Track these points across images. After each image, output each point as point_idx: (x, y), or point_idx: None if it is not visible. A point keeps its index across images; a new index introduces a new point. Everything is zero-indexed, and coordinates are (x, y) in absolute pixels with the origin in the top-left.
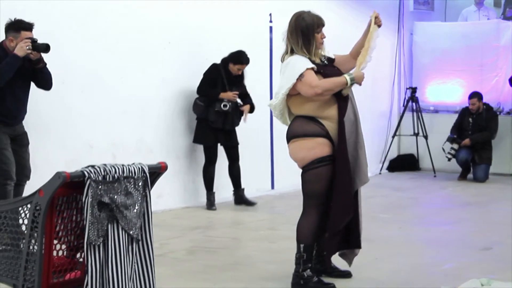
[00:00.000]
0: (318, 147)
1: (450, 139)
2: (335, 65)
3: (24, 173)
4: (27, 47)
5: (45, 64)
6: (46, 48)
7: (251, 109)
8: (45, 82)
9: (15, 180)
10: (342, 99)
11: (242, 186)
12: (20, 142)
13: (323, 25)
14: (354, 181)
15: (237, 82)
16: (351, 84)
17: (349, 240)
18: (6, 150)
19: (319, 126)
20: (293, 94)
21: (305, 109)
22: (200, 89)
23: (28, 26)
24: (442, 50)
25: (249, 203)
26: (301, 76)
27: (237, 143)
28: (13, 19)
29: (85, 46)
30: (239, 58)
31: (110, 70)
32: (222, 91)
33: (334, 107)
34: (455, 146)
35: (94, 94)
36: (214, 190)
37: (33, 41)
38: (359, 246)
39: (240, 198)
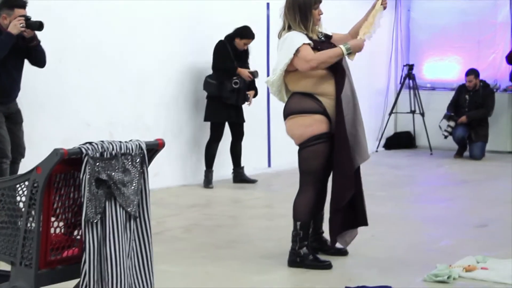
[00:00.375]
0: (316, 124)
1: (447, 117)
2: (332, 42)
3: (18, 151)
4: (21, 25)
5: (39, 41)
6: (39, 25)
7: (255, 94)
8: (39, 60)
9: (11, 158)
10: (339, 75)
11: (242, 165)
12: (14, 120)
13: (320, 1)
14: (354, 158)
15: (243, 58)
16: (348, 54)
17: (356, 218)
18: (1, 129)
19: (316, 102)
20: (290, 70)
21: (302, 85)
22: (216, 65)
23: (22, 4)
24: (439, 27)
25: (249, 180)
26: (297, 51)
27: (244, 121)
28: None
29: (82, 24)
30: (246, 32)
31: (107, 48)
32: None
33: (331, 84)
34: (452, 123)
35: (91, 71)
36: (213, 168)
37: (27, 19)
38: (366, 223)
39: (240, 176)
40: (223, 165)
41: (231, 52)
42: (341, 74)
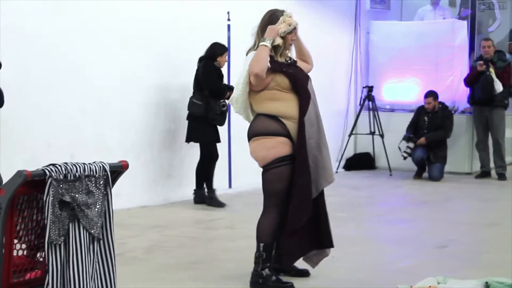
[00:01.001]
0: (279, 146)
1: (406, 138)
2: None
3: None
4: None
5: None
6: None
7: None
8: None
9: None
10: (303, 99)
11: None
12: None
13: (295, 28)
14: (318, 181)
15: (222, 77)
16: (271, 42)
17: (322, 240)
18: None
19: (280, 125)
20: (253, 89)
21: (266, 107)
22: (207, 85)
23: None
24: (398, 49)
25: (220, 204)
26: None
27: (219, 141)
28: None
29: (43, 44)
30: (222, 47)
31: (68, 68)
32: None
33: (295, 107)
34: (411, 144)
35: (52, 91)
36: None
37: None
38: (331, 245)
39: (211, 199)
40: (184, 185)
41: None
42: (305, 98)
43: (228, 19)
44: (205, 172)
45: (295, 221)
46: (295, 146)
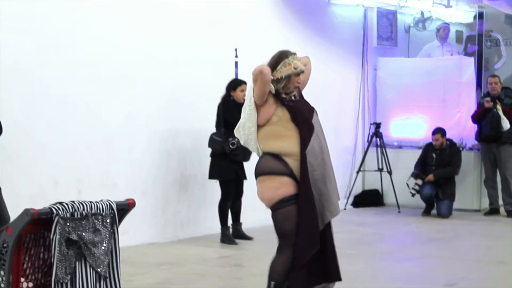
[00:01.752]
0: (284, 187)
1: (414, 175)
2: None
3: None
4: None
5: None
6: None
7: None
8: None
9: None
10: (304, 133)
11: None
12: None
13: (302, 71)
14: (323, 214)
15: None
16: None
17: (328, 272)
18: None
19: (283, 164)
20: (260, 124)
21: (270, 146)
22: (226, 115)
23: None
24: (406, 86)
25: (246, 237)
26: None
27: (245, 178)
28: None
29: (50, 79)
30: (234, 80)
31: (75, 105)
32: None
33: (297, 144)
34: (419, 181)
35: (59, 128)
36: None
37: None
38: (339, 278)
39: (237, 232)
40: (193, 222)
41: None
42: (306, 131)
43: (236, 56)
44: (220, 208)
45: (302, 255)
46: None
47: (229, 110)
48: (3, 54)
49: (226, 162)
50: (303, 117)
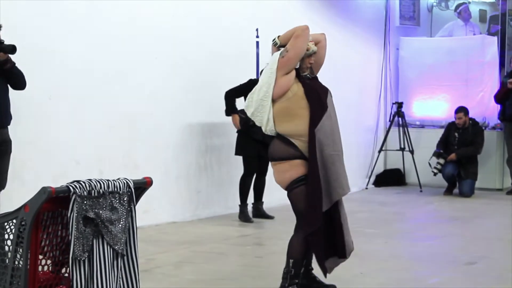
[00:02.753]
0: (293, 169)
1: (436, 154)
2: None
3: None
4: None
5: (14, 63)
6: (12, 49)
7: None
8: (18, 82)
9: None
10: (315, 110)
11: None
12: (3, 149)
13: (314, 52)
14: (331, 194)
15: None
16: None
17: (336, 249)
18: None
19: (293, 148)
20: (275, 96)
21: (282, 127)
22: (227, 93)
23: None
24: (428, 65)
25: (267, 216)
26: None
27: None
28: None
29: (72, 61)
30: None
31: (97, 85)
32: None
33: (306, 124)
34: (441, 161)
35: (81, 109)
36: (247, 202)
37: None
38: (343, 256)
39: (258, 211)
40: (213, 200)
41: None
42: (318, 109)
43: (257, 36)
44: (240, 184)
45: (305, 229)
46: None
47: (238, 91)
48: (24, 36)
49: (249, 138)
50: (316, 95)
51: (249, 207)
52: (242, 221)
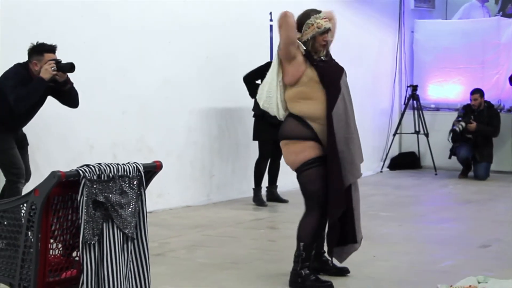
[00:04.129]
0: (307, 150)
1: (461, 114)
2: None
3: (26, 175)
4: (52, 69)
5: (72, 83)
6: (71, 67)
7: None
8: (73, 102)
9: (28, 180)
10: (331, 94)
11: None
12: (21, 144)
13: (327, 29)
14: (345, 176)
15: None
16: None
17: (346, 235)
18: (14, 150)
19: (307, 128)
20: (289, 83)
21: (296, 108)
22: (245, 78)
23: (51, 48)
24: (443, 48)
25: (281, 200)
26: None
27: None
28: (35, 43)
29: (85, 46)
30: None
31: (111, 70)
32: None
33: (323, 108)
34: (463, 123)
35: (94, 94)
36: (261, 186)
37: (57, 62)
38: (354, 241)
39: (272, 195)
40: (226, 184)
41: None
42: (333, 92)
43: (271, 20)
44: (255, 167)
45: (331, 213)
46: (325, 145)
47: (256, 72)
48: (36, 22)
49: (265, 123)
50: (331, 78)
51: (263, 191)
52: (256, 204)
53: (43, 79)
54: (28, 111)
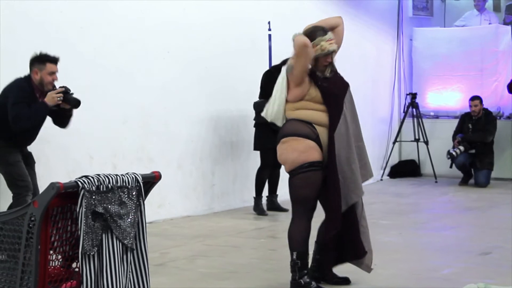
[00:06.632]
0: (310, 151)
1: (459, 140)
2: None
3: (34, 192)
4: (58, 99)
5: (72, 114)
6: (75, 104)
7: None
8: (65, 124)
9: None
10: (333, 115)
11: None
12: (27, 161)
13: (330, 52)
14: (348, 196)
15: None
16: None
17: (356, 251)
18: (21, 163)
19: (310, 128)
20: (289, 100)
21: (298, 113)
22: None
23: (53, 59)
24: (442, 56)
25: (281, 209)
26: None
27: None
28: (38, 53)
29: (85, 56)
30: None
31: (110, 80)
32: None
33: (325, 116)
34: (461, 147)
35: (95, 104)
36: (262, 195)
37: (66, 92)
38: (360, 256)
39: (272, 204)
40: (227, 194)
41: None
42: (336, 113)
43: (269, 29)
44: (257, 176)
45: (327, 235)
46: (324, 154)
47: (272, 82)
48: (36, 30)
49: (266, 131)
50: (333, 99)
51: (263, 200)
52: (257, 214)
53: (46, 106)
54: (27, 130)
